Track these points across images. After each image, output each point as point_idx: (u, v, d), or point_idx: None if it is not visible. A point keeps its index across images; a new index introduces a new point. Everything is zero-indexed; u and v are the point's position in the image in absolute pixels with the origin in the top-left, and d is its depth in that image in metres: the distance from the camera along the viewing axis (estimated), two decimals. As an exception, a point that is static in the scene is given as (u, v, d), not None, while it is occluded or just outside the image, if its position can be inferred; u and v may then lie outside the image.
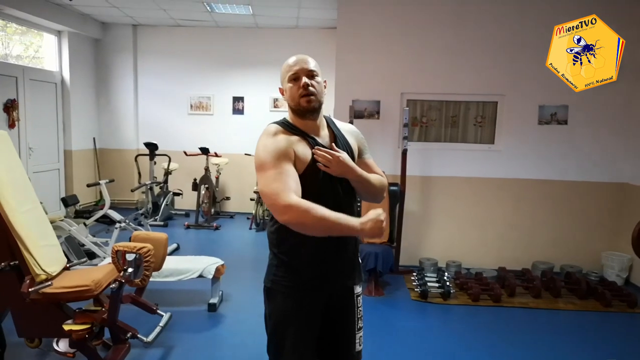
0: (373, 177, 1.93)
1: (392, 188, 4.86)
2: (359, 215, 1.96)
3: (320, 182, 1.80)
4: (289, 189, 1.67)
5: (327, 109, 5.53)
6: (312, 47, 7.32)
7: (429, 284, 4.48)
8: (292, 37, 7.61)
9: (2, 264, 2.73)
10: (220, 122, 8.02)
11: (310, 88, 1.78)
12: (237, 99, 7.97)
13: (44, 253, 2.86)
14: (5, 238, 2.72)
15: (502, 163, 5.18)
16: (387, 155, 5.16)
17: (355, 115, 5.08)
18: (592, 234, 5.19)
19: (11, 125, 6.15)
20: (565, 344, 3.62)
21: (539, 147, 5.13)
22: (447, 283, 4.45)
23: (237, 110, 8.00)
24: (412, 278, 4.66)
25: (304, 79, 1.79)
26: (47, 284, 2.73)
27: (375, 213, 1.69)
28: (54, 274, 2.86)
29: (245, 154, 7.47)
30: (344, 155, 1.81)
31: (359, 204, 4.65)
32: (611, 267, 4.95)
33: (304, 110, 1.80)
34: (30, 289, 2.68)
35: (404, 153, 4.87)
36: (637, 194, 4.92)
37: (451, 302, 4.34)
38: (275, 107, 7.84)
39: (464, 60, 5.08)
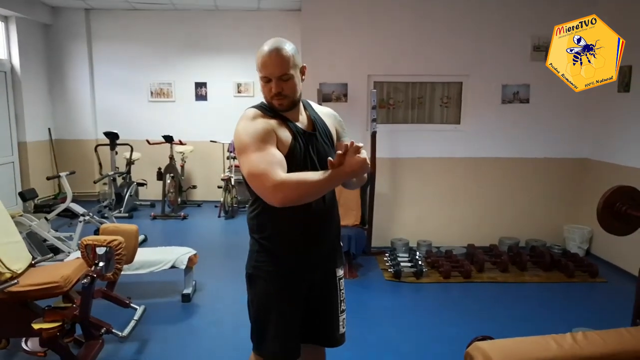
0: None
1: (362, 170, 4.87)
2: (334, 195, 1.95)
3: (300, 166, 1.77)
4: (276, 167, 1.61)
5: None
6: (276, 30, 7.18)
7: (401, 264, 4.55)
8: (255, 19, 7.44)
9: (-38, 264, 2.59)
10: (183, 109, 7.80)
11: (282, 92, 1.73)
12: (200, 85, 7.77)
13: (7, 250, 2.73)
14: (-37, 237, 2.58)
15: (468, 143, 5.28)
16: (355, 138, 5.01)
17: (323, 98, 5.05)
18: (554, 209, 5.38)
19: (-41, 117, 5.80)
20: (533, 314, 3.76)
21: (503, 126, 5.25)
22: (419, 262, 4.53)
23: (200, 97, 7.80)
24: (385, 259, 4.72)
25: (274, 87, 1.72)
26: (12, 282, 2.61)
27: (348, 147, 1.61)
28: (19, 271, 2.74)
29: (211, 141, 7.33)
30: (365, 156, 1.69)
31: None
32: (573, 240, 5.16)
33: (276, 109, 1.77)
34: (-5, 289, 2.56)
35: (373, 135, 4.88)
36: (596, 168, 5.13)
37: (423, 280, 4.42)
38: (239, 92, 7.70)
39: (429, 41, 5.11)
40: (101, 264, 2.67)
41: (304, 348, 2.00)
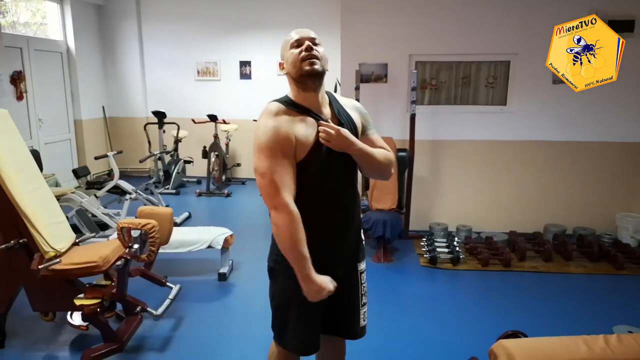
0: (377, 152, 1.87)
1: (400, 154, 4.78)
2: (355, 192, 1.92)
3: (324, 164, 1.76)
4: (285, 186, 1.66)
5: (334, 74, 5.40)
6: (317, 9, 7.11)
7: (438, 249, 4.47)
8: (298, -3, 7.37)
9: (12, 242, 2.78)
10: (228, 87, 7.93)
11: (314, 51, 1.72)
12: (244, 64, 7.84)
13: (52, 230, 2.90)
14: (12, 217, 2.76)
15: (514, 125, 5.04)
16: (395, 120, 5.06)
17: (362, 79, 4.95)
18: (606, 195, 5.08)
19: (19, 97, 6.16)
20: (573, 308, 3.60)
21: (553, 107, 4.96)
22: (457, 248, 4.43)
23: (245, 75, 7.88)
24: (422, 243, 4.66)
25: (307, 42, 1.73)
26: (55, 260, 2.78)
27: (326, 284, 1.72)
28: (62, 250, 2.91)
29: (254, 120, 7.39)
30: (344, 129, 1.76)
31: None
32: (626, 229, 4.87)
33: (306, 75, 1.72)
34: (39, 266, 2.73)
35: (413, 117, 4.76)
36: (654, 154, 4.78)
37: (460, 267, 4.33)
38: (283, 68, 7.68)
39: (474, 19, 4.87)
40: (136, 246, 2.79)
41: (324, 338, 2.02)
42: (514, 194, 5.16)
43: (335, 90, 5.84)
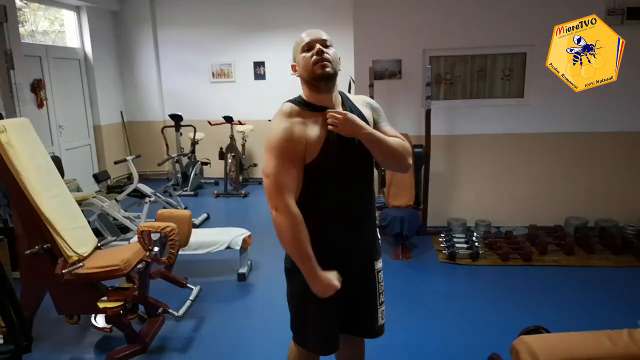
0: (389, 139, 1.85)
1: (416, 150, 4.75)
2: (372, 195, 1.92)
3: (338, 160, 1.78)
4: (288, 188, 1.70)
5: (347, 71, 5.39)
6: (331, 9, 7.11)
7: (457, 245, 4.43)
8: (310, -4, 7.38)
9: (36, 247, 2.85)
10: (243, 88, 7.99)
11: (325, 55, 1.73)
12: (258, 64, 7.88)
13: (74, 235, 2.96)
14: (36, 223, 2.83)
15: (532, 117, 4.97)
16: (410, 116, 5.03)
17: (376, 76, 4.93)
18: (629, 186, 4.97)
19: (40, 105, 6.27)
20: (596, 302, 3.54)
21: (571, 98, 4.81)
22: (476, 243, 4.40)
23: (259, 76, 7.92)
24: (440, 239, 4.63)
25: (318, 46, 1.74)
26: (79, 265, 2.84)
27: (332, 281, 1.75)
28: (85, 254, 2.97)
29: (269, 120, 7.41)
30: (351, 114, 1.77)
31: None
32: (649, 220, 4.77)
33: (318, 78, 1.74)
34: (63, 271, 2.80)
35: (428, 113, 4.73)
36: (678, 142, 4.66)
37: (480, 263, 4.30)
38: (296, 70, 7.70)
39: (488, 11, 4.80)
40: (156, 248, 2.84)
41: (343, 337, 2.02)
42: (533, 187, 5.09)
43: (350, 88, 5.84)
